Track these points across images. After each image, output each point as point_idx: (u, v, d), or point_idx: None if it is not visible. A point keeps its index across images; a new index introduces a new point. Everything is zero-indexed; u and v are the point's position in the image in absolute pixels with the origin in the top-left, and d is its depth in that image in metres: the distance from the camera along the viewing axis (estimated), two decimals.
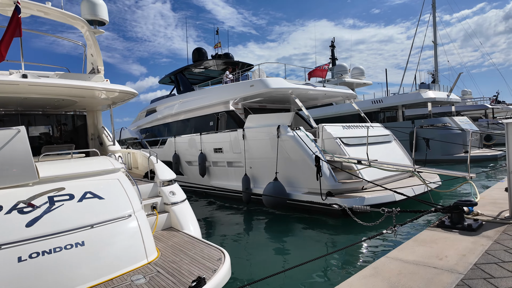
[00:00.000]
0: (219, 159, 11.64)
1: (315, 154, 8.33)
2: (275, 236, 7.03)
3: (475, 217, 4.42)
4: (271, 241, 6.79)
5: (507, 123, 4.25)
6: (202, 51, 15.97)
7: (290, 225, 7.80)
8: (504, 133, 15.49)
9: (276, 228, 7.64)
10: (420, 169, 7.19)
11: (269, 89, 9.98)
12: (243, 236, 7.21)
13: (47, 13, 6.92)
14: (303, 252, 5.95)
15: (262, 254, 6.07)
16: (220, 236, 7.33)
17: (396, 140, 11.67)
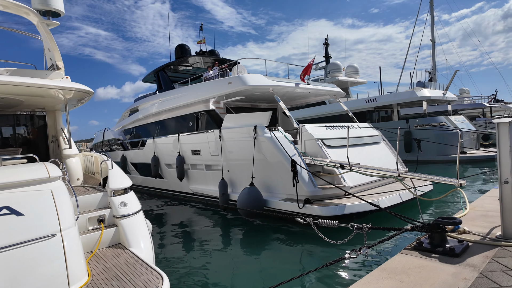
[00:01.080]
0: (197, 162, 10.93)
1: (292, 157, 7.61)
2: (248, 249, 6.32)
3: (461, 235, 3.71)
4: (243, 255, 6.07)
5: (498, 123, 3.53)
6: (185, 47, 15.22)
7: (266, 235, 7.09)
8: None
9: (250, 240, 6.93)
10: (405, 174, 6.47)
11: (247, 86, 9.26)
12: (211, 248, 6.48)
13: None
14: (273, 271, 5.22)
15: (228, 272, 5.34)
16: (184, 249, 6.61)
17: (385, 141, 10.96)
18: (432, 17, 39.52)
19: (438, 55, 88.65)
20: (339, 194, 7.91)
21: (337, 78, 24.24)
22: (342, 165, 7.34)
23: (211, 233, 7.55)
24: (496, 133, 3.56)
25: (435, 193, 8.89)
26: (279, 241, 6.58)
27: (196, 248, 6.57)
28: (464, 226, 4.12)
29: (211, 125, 10.82)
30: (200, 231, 7.82)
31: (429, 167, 16.33)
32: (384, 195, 7.72)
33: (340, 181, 7.95)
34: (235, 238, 7.16)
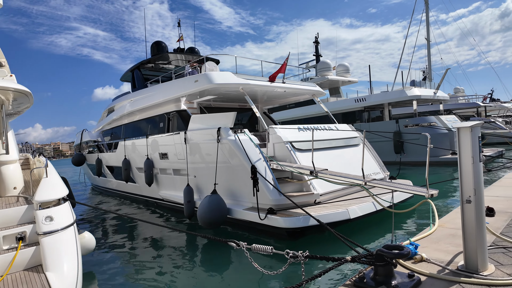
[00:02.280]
0: (165, 166, 10.24)
1: (255, 162, 6.93)
2: (204, 265, 5.64)
3: (416, 264, 3.03)
4: (197, 272, 5.37)
5: (458, 128, 2.85)
6: (161, 45, 14.50)
7: (229, 248, 6.40)
8: (497, 132, 13.87)
9: (209, 255, 6.24)
10: (372, 183, 5.78)
11: (213, 84, 8.57)
12: (163, 264, 5.79)
13: None
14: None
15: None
16: (132, 265, 5.91)
17: (366, 143, 10.27)
18: (427, 16, 39.00)
19: (435, 54, 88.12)
20: (308, 203, 7.23)
21: (327, 77, 23.55)
22: (311, 172, 6.64)
23: (169, 246, 6.85)
24: (457, 141, 2.88)
25: (414, 201, 8.22)
26: (242, 256, 5.90)
27: (147, 264, 5.87)
28: (426, 249, 3.44)
29: (182, 126, 10.13)
30: (158, 243, 7.12)
31: (417, 169, 15.66)
32: (356, 203, 7.05)
33: (309, 188, 7.27)
34: (192, 252, 6.47)
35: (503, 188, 6.21)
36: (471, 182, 2.77)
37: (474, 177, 2.76)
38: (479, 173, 2.80)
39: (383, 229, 6.72)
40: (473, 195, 2.78)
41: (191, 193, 8.49)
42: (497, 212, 4.58)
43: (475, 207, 2.80)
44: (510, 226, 3.98)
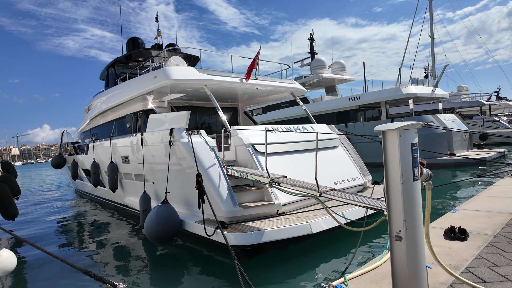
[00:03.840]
0: (128, 171, 9.45)
1: (206, 168, 6.09)
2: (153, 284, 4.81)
3: None
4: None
5: (384, 131, 1.97)
6: (137, 41, 13.71)
7: (180, 266, 5.59)
8: (500, 132, 12.54)
9: (159, 272, 5.40)
10: (327, 194, 4.88)
11: (171, 80, 7.73)
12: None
13: None
14: None
15: None
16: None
17: (347, 145, 9.39)
18: (431, 13, 37.90)
19: (441, 53, 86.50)
20: (270, 214, 6.36)
21: (321, 75, 22.58)
22: (272, 181, 5.74)
23: (114, 258, 6.02)
24: (382, 144, 2.01)
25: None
26: (192, 275, 5.05)
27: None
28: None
29: None
30: (106, 251, 6.30)
31: None
32: (323, 214, 6.15)
33: (270, 197, 6.40)
34: (141, 264, 5.63)
35: (488, 200, 5.27)
36: (401, 211, 1.88)
37: (404, 203, 1.88)
38: (414, 197, 1.92)
39: (351, 245, 5.82)
40: (404, 230, 1.90)
41: (148, 201, 7.67)
42: (472, 235, 3.67)
43: (407, 247, 1.91)
44: (483, 257, 3.08)
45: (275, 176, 5.82)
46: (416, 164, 2.05)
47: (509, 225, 3.90)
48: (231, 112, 12.67)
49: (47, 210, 12.55)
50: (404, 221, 1.93)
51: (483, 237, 3.57)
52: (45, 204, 14.10)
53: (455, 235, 3.60)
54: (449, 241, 3.57)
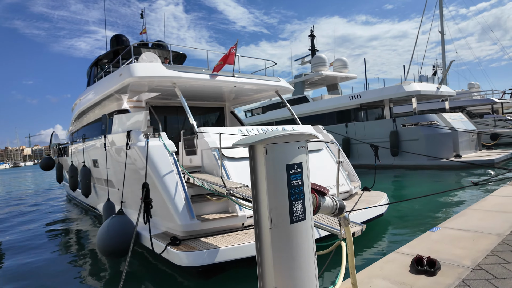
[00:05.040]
0: (99, 175, 8.88)
1: (162, 175, 5.43)
2: None
3: None
4: None
5: (251, 146, 1.25)
6: (121, 39, 13.15)
7: (137, 283, 4.94)
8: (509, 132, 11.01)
9: None
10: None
11: (135, 78, 7.09)
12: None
13: None
14: None
15: None
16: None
17: (334, 148, 8.62)
18: (441, 8, 36.72)
19: (453, 50, 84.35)
20: (235, 227, 5.68)
21: (321, 72, 21.74)
22: (228, 191, 5.04)
23: (63, 276, 5.40)
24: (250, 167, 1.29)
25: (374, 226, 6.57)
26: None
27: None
28: None
29: None
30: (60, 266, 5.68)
31: (415, 175, 13.78)
32: None
33: (234, 208, 5.70)
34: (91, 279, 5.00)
35: (479, 216, 4.46)
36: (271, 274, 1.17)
37: (275, 262, 1.17)
38: (293, 250, 1.22)
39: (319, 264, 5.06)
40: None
41: (111, 210, 7.06)
42: (445, 267, 2.91)
43: None
44: None
45: (233, 185, 5.12)
46: (300, 196, 1.36)
47: (494, 253, 3.12)
48: (218, 112, 12.02)
49: (23, 215, 12.08)
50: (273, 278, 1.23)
51: (458, 271, 2.81)
52: (26, 209, 13.65)
53: (423, 267, 2.85)
54: (414, 275, 2.81)
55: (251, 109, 28.28)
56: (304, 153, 1.55)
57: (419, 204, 8.08)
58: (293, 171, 1.46)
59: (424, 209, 7.66)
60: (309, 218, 1.49)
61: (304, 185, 1.49)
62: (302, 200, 1.47)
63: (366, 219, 6.33)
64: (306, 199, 1.55)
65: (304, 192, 1.50)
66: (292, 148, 1.47)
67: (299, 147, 1.52)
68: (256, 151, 1.39)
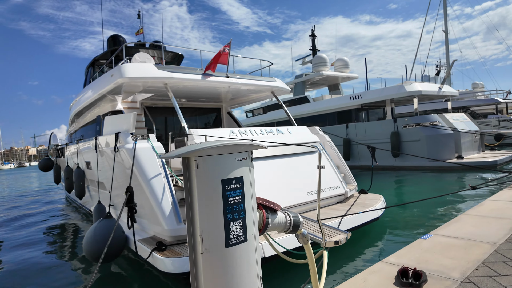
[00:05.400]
0: (92, 177, 8.77)
1: (149, 178, 5.30)
2: None
3: None
4: None
5: (185, 158, 1.08)
6: (118, 39, 13.07)
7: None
8: None
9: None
10: None
11: (126, 78, 6.96)
12: None
13: None
14: None
15: None
16: None
17: (330, 150, 8.47)
18: (445, 7, 36.41)
19: (457, 50, 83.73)
20: None
21: (321, 72, 21.54)
22: None
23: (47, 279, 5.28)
24: (184, 182, 1.13)
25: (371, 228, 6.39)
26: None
27: None
28: None
29: None
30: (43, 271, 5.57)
31: (415, 176, 13.55)
32: (281, 234, 5.26)
33: None
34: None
35: (474, 222, 4.28)
36: None
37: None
38: (230, 277, 1.05)
39: (302, 274, 4.90)
40: None
41: (102, 213, 6.97)
42: (432, 279, 2.74)
43: None
44: None
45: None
46: (239, 215, 1.20)
47: (486, 264, 2.94)
48: (215, 113, 11.89)
49: (18, 215, 12.01)
50: None
51: (445, 284, 2.64)
52: (23, 208, 13.60)
53: (408, 280, 2.68)
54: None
55: (252, 109, 28.14)
56: (246, 165, 1.39)
57: (417, 207, 7.89)
58: (231, 186, 1.30)
59: (421, 212, 7.47)
60: (252, 239, 1.33)
61: (246, 202, 1.34)
62: (242, 220, 1.31)
63: (361, 223, 6.17)
64: (248, 218, 1.42)
65: (245, 210, 1.35)
66: (229, 160, 1.31)
67: (238, 159, 1.36)
68: (189, 164, 1.24)
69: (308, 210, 6.71)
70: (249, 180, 1.38)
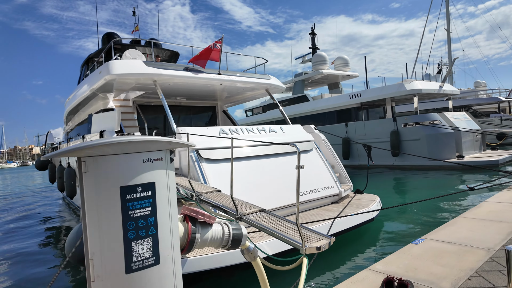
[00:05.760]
0: None
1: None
2: None
3: None
4: None
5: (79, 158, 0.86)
6: (113, 36, 12.85)
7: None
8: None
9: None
10: (247, 218, 3.77)
11: (113, 75, 6.76)
12: None
13: None
14: None
15: None
16: None
17: (325, 149, 8.25)
18: (447, 5, 36.03)
19: (460, 49, 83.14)
20: None
21: (321, 71, 21.26)
22: (197, 196, 4.71)
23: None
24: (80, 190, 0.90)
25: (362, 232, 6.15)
26: None
27: None
28: None
29: None
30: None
31: (415, 176, 13.30)
32: (269, 237, 5.04)
33: (211, 213, 5.32)
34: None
35: (470, 225, 4.04)
36: None
37: None
38: None
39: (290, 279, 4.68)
40: None
41: None
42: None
43: None
44: None
45: (204, 189, 4.76)
46: (148, 232, 0.98)
47: (479, 273, 2.71)
48: (210, 112, 11.69)
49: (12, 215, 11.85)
50: None
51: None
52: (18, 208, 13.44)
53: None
54: None
55: (252, 108, 27.90)
56: (161, 167, 1.14)
57: (413, 208, 7.65)
58: (135, 195, 1.05)
59: (417, 213, 7.23)
60: (169, 261, 1.07)
61: (159, 215, 1.09)
62: (152, 238, 1.07)
63: (354, 225, 5.94)
64: (162, 235, 1.16)
65: (157, 225, 1.15)
66: (132, 161, 1.06)
67: (148, 160, 1.11)
68: (79, 166, 1.00)
69: (301, 210, 6.48)
70: (165, 186, 1.14)
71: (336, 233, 5.60)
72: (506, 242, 3.37)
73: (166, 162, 1.21)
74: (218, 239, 1.55)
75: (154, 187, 1.12)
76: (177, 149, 6.28)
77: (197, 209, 1.57)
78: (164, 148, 1.17)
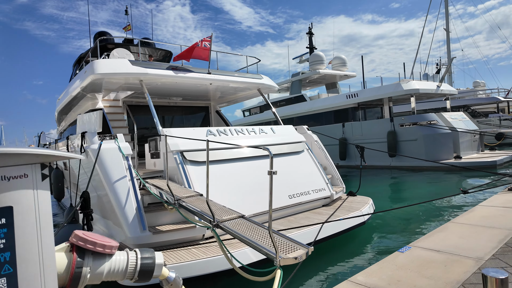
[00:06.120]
0: (71, 179, 8.39)
1: (113, 182, 4.91)
2: None
3: None
4: None
5: None
6: (105, 35, 12.67)
7: None
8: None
9: None
10: (224, 226, 3.58)
11: (97, 75, 6.57)
12: None
13: None
14: None
15: None
16: None
17: (317, 150, 8.06)
18: (446, 5, 35.87)
19: (459, 49, 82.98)
20: (195, 238, 5.15)
21: (318, 70, 21.07)
22: (177, 201, 4.53)
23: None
24: None
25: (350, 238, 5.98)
26: None
27: None
28: None
29: None
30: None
31: (412, 177, 13.12)
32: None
33: (194, 218, 5.15)
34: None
35: (461, 231, 3.85)
36: None
37: None
38: None
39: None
40: None
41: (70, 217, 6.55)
42: None
43: None
44: None
45: (185, 193, 4.58)
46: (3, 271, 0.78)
47: (465, 286, 2.52)
48: (203, 112, 11.50)
49: None
50: None
51: None
52: None
53: None
54: None
55: (249, 108, 27.71)
56: (24, 187, 0.90)
57: (405, 211, 7.46)
58: None
59: (409, 217, 7.04)
60: None
61: (19, 249, 0.90)
62: (6, 278, 0.87)
63: (344, 228, 5.77)
64: (26, 274, 0.95)
65: (15, 261, 0.93)
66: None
67: (5, 177, 0.89)
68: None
69: (290, 214, 6.30)
70: (32, 211, 0.94)
71: (325, 238, 5.43)
72: (497, 251, 3.18)
73: (35, 180, 1.02)
74: (119, 272, 1.34)
75: (11, 213, 0.90)
76: (161, 150, 6.09)
77: (90, 236, 1.37)
78: (29, 162, 0.95)
